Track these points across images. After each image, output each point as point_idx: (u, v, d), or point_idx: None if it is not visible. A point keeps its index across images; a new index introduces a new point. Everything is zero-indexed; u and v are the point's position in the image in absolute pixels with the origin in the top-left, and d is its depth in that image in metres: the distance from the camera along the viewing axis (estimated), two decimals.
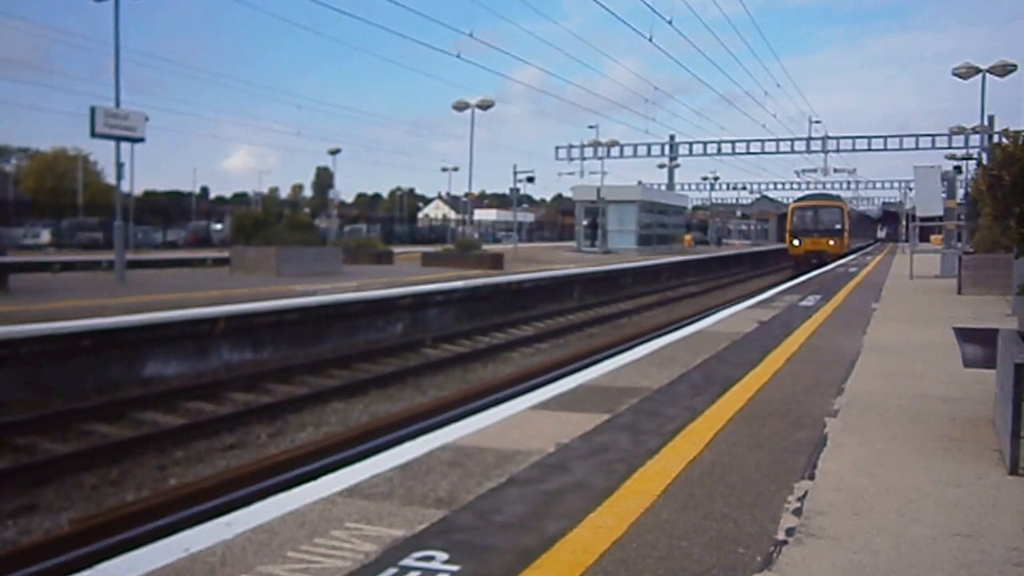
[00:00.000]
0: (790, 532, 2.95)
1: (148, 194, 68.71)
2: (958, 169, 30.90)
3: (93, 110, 15.65)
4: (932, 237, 35.89)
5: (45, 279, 17.27)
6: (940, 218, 19.66)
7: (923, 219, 19.77)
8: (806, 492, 3.40)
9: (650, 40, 21.89)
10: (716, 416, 4.78)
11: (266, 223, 21.79)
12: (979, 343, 4.81)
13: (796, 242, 35.95)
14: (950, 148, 40.12)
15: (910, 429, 4.52)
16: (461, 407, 8.83)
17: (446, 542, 2.85)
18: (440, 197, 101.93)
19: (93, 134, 15.77)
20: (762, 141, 45.16)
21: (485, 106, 31.84)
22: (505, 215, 75.92)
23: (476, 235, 44.55)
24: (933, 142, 41.72)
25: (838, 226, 35.45)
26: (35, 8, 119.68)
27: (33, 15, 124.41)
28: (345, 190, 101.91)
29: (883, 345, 7.81)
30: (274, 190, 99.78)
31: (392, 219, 70.73)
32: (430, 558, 2.70)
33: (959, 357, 4.82)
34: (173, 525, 4.81)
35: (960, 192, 22.39)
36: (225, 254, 23.16)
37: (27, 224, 38.53)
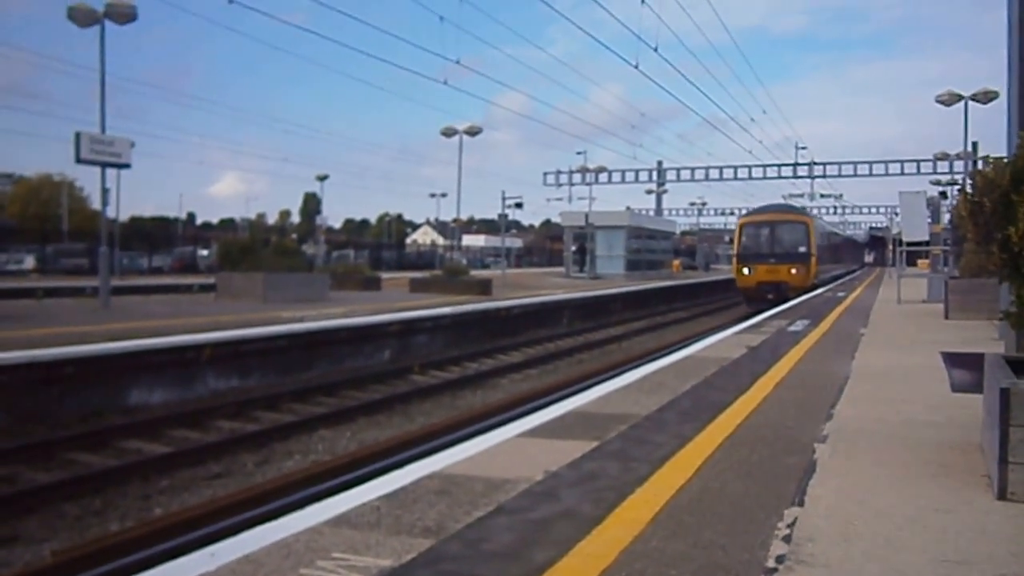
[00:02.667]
0: (780, 559, 2.94)
1: (134, 220, 68.50)
2: (943, 195, 31.29)
3: (78, 136, 15.61)
4: (919, 261, 35.03)
5: (28, 305, 17.11)
6: (926, 243, 19.88)
7: (910, 244, 19.98)
8: (796, 519, 3.39)
9: (636, 67, 22.14)
10: (705, 443, 4.77)
11: (253, 249, 21.75)
12: (967, 368, 4.84)
13: (746, 270, 26.66)
14: (935, 173, 40.63)
15: (899, 454, 4.52)
16: (449, 435, 8.78)
17: (434, 572, 2.82)
18: (428, 223, 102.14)
19: (78, 160, 15.72)
20: (749, 167, 45.67)
21: (473, 132, 32.04)
22: (493, 241, 76.09)
23: (464, 261, 44.58)
24: (918, 167, 42.28)
25: (802, 248, 26.51)
26: (20, 34, 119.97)
27: (18, 41, 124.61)
28: (333, 216, 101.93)
29: (872, 370, 7.84)
30: (261, 216, 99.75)
31: (380, 245, 70.71)
32: None
33: (947, 382, 4.84)
34: (157, 556, 4.74)
35: (945, 217, 22.67)
36: (211, 280, 23.05)
37: (11, 250, 38.23)
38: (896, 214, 36.43)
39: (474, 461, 4.40)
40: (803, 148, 50.95)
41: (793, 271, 26.18)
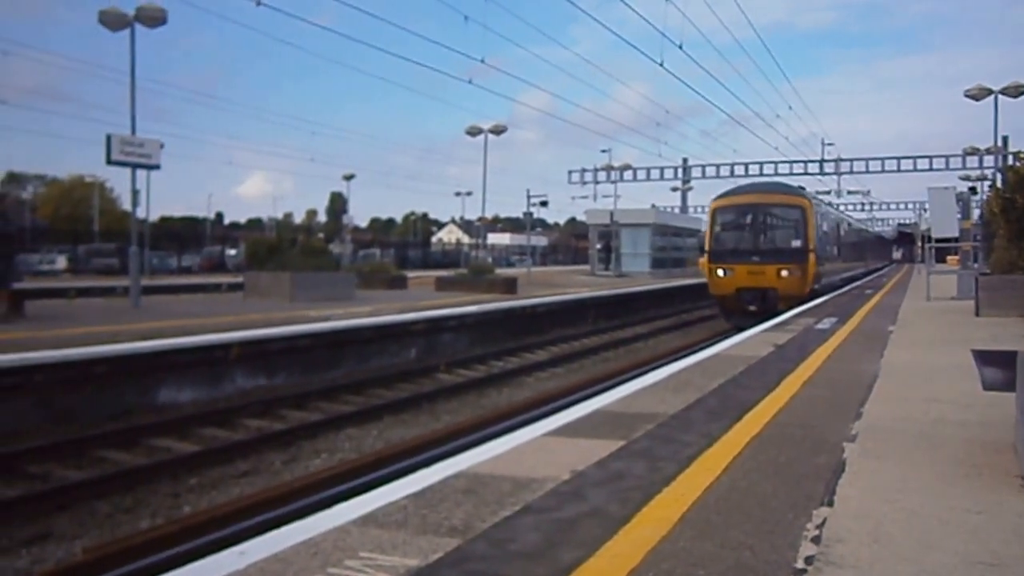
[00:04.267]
0: (809, 560, 2.90)
1: (163, 220, 69.52)
2: (973, 190, 30.67)
3: (109, 138, 15.86)
4: (948, 258, 34.29)
5: (61, 305, 17.41)
6: (956, 239, 19.55)
7: (939, 240, 19.65)
8: (825, 519, 3.35)
9: (661, 65, 21.95)
10: (733, 442, 4.73)
11: (280, 248, 21.94)
12: (998, 366, 4.74)
13: (720, 272, 19.60)
14: (964, 169, 39.85)
15: (930, 454, 4.45)
16: (475, 433, 8.80)
17: (461, 572, 2.82)
18: (454, 221, 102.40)
19: (109, 161, 15.97)
20: (775, 163, 45.04)
21: (498, 131, 32.03)
22: (519, 239, 76.11)
23: (490, 259, 44.66)
24: (947, 163, 41.45)
25: (797, 242, 19.35)
26: (53, 39, 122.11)
27: (51, 45, 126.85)
28: (359, 215, 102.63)
29: (901, 368, 7.72)
30: (288, 215, 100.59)
31: (406, 244, 71.04)
32: None
33: (978, 380, 4.74)
34: (187, 554, 4.80)
35: (975, 213, 22.28)
36: (239, 279, 23.30)
37: (43, 250, 38.95)
38: (925, 210, 35.43)
39: (500, 460, 4.40)
40: (830, 144, 50.18)
41: (784, 273, 18.52)
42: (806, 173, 44.51)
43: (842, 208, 46.04)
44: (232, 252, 46.61)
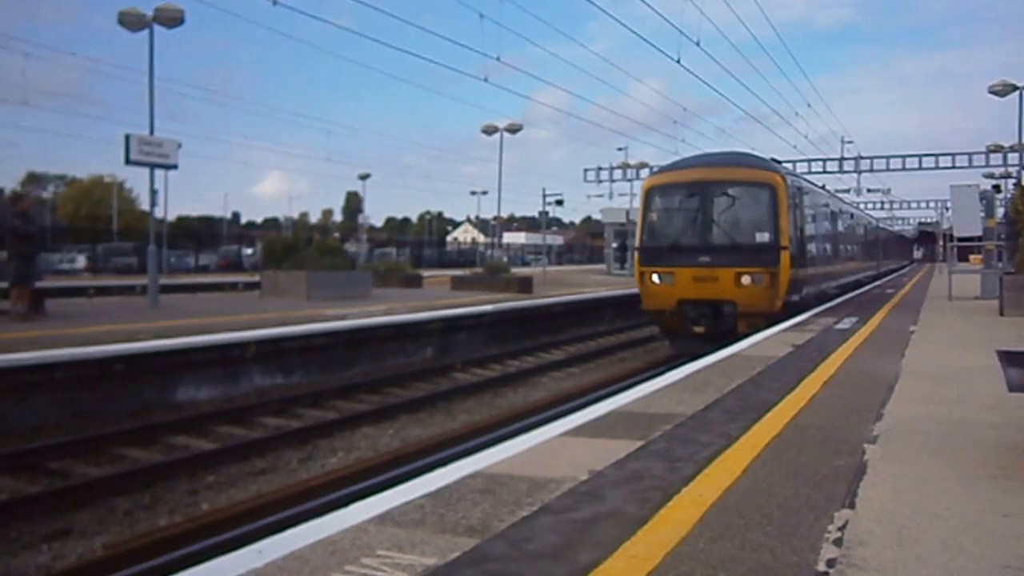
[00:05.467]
0: (831, 563, 2.86)
1: (181, 219, 70.05)
2: (997, 188, 30.19)
3: (128, 138, 15.98)
4: (971, 257, 33.84)
5: (81, 304, 17.58)
6: (979, 238, 19.29)
7: (961, 239, 19.40)
8: (846, 521, 3.31)
9: (678, 62, 21.81)
10: (752, 443, 4.68)
11: (296, 247, 22.04)
12: None
13: (655, 278, 14.27)
14: (987, 167, 39.12)
15: (953, 456, 4.39)
16: (492, 433, 8.79)
17: (479, 571, 2.80)
18: (469, 220, 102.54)
19: (128, 161, 16.09)
20: (794, 162, 44.56)
21: (514, 130, 32.00)
22: (534, 238, 76.07)
23: (505, 258, 44.65)
24: (970, 160, 40.71)
25: (764, 235, 13.70)
26: (72, 40, 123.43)
27: (70, 46, 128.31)
28: (374, 214, 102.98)
29: (923, 369, 7.63)
30: (304, 215, 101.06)
31: (421, 243, 71.22)
32: None
33: (1003, 381, 4.66)
34: (205, 551, 4.82)
35: (999, 211, 21.93)
36: (256, 278, 23.42)
37: (63, 249, 39.39)
38: (947, 209, 34.77)
39: (518, 460, 4.38)
40: (849, 142, 49.70)
41: (746, 280, 13.29)
42: (825, 171, 44.00)
43: (861, 206, 43.84)
44: (249, 251, 46.93)
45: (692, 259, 13.76)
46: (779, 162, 15.95)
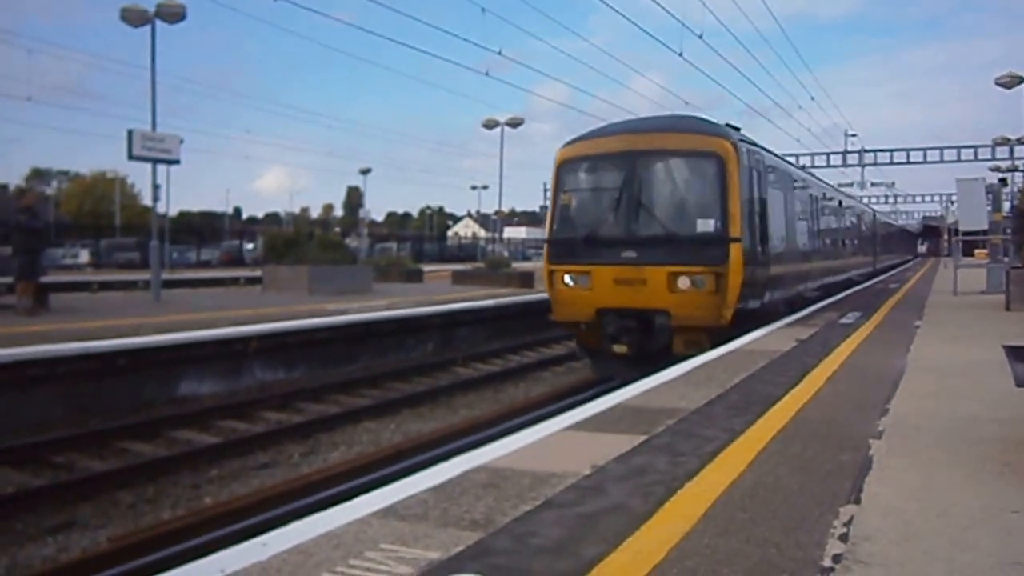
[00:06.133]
0: (837, 559, 2.85)
1: (183, 214, 70.06)
2: (1003, 181, 29.90)
3: (130, 133, 15.99)
4: (977, 251, 33.49)
5: (84, 298, 17.60)
6: (985, 232, 19.19)
7: (967, 233, 19.30)
8: (852, 517, 3.29)
9: (680, 55, 21.64)
10: (756, 437, 4.67)
11: (297, 242, 22.05)
12: None
13: (568, 279, 11.02)
14: (994, 160, 38.77)
15: (960, 452, 4.36)
16: (494, 427, 8.78)
17: (482, 565, 2.79)
18: (470, 215, 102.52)
19: (131, 156, 16.11)
20: (796, 155, 44.46)
21: (515, 124, 31.99)
22: (535, 233, 75.99)
23: (506, 253, 44.60)
24: (975, 153, 40.29)
25: (708, 222, 10.25)
26: (75, 36, 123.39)
27: (74, 43, 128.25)
28: (375, 209, 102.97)
29: (928, 364, 7.59)
30: (305, 210, 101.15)
31: (422, 238, 71.20)
32: None
33: (1010, 376, 4.64)
34: (210, 544, 4.82)
35: (1006, 205, 21.76)
36: (257, 273, 23.44)
37: (67, 245, 39.44)
38: (952, 202, 34.36)
39: (520, 454, 4.37)
40: (853, 135, 49.41)
41: (683, 283, 10.23)
42: (829, 165, 43.80)
43: (867, 201, 42.48)
44: (250, 246, 46.94)
45: (613, 255, 10.45)
46: (737, 129, 11.45)
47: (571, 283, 10.93)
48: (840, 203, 20.94)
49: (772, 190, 11.89)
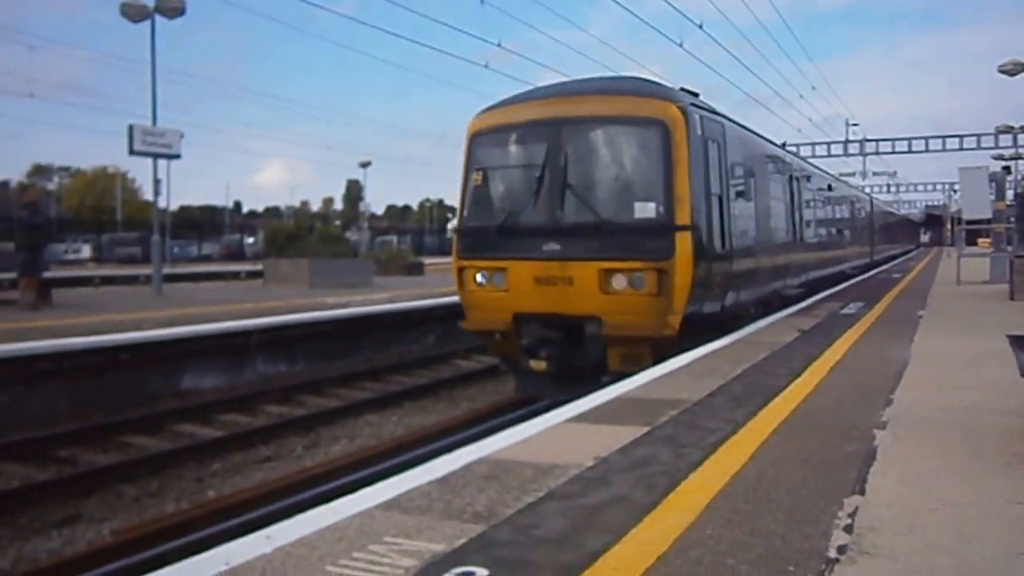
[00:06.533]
0: (842, 550, 2.84)
1: (183, 209, 70.01)
2: (1007, 169, 29.74)
3: (131, 128, 15.99)
4: (980, 240, 33.05)
5: (86, 293, 17.61)
6: (988, 221, 19.11)
7: (970, 222, 19.21)
8: (857, 508, 3.28)
9: (680, 46, 21.51)
10: (759, 428, 4.65)
11: (298, 236, 22.10)
12: None
13: (479, 277, 9.07)
14: (997, 148, 38.34)
15: (965, 443, 4.34)
16: (495, 419, 8.78)
17: (486, 557, 2.78)
18: None
19: (131, 152, 16.11)
20: (797, 145, 44.21)
21: None
22: None
23: None
24: (978, 142, 39.79)
25: (650, 207, 8.19)
26: (75, 32, 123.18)
27: (74, 39, 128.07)
28: (375, 202, 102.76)
29: (932, 354, 7.56)
30: (305, 203, 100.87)
31: (422, 230, 71.16)
32: (470, 574, 2.64)
33: (1014, 366, 4.62)
34: (213, 537, 4.82)
35: (1010, 193, 21.63)
36: (258, 267, 23.44)
37: (69, 240, 39.47)
38: (955, 191, 34.10)
39: (523, 446, 4.36)
40: (854, 125, 49.20)
41: (619, 282, 8.28)
42: (830, 155, 43.56)
43: (869, 191, 41.31)
44: (251, 240, 47.00)
45: (533, 248, 8.57)
46: (695, 95, 9.44)
47: (483, 282, 9.00)
48: (829, 187, 18.90)
49: (738, 168, 9.96)
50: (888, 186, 62.70)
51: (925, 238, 78.75)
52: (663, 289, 8.05)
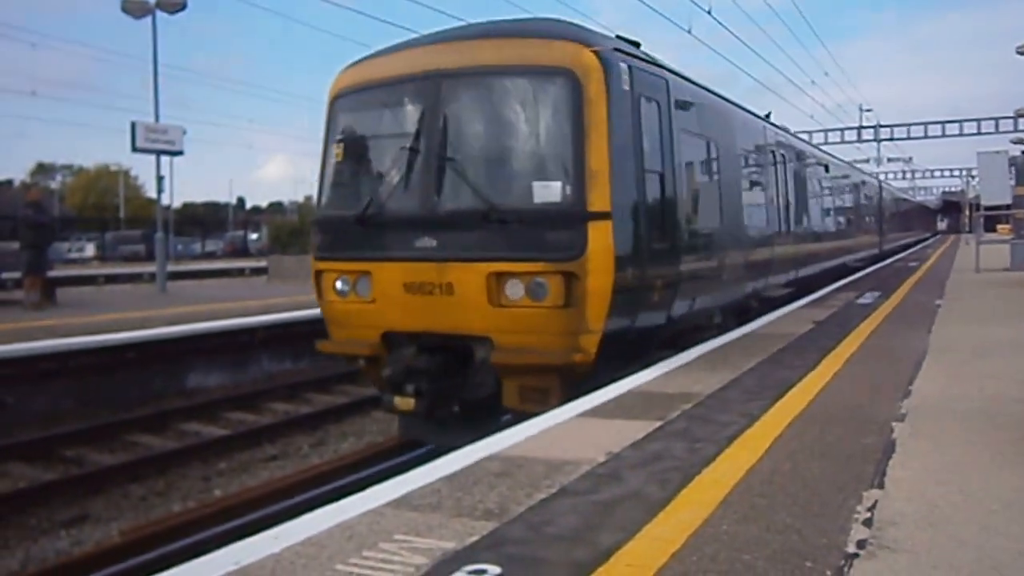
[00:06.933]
0: (861, 544, 2.78)
1: (186, 206, 70.06)
2: None
3: (134, 125, 15.97)
4: (999, 227, 32.48)
5: (91, 292, 17.61)
6: (1008, 206, 18.83)
7: (988, 208, 18.96)
8: (876, 502, 3.21)
9: (689, 32, 21.30)
10: (774, 422, 4.58)
11: (303, 232, 22.02)
12: None
13: (340, 285, 6.92)
14: (1016, 132, 37.44)
15: (986, 434, 4.27)
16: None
17: (498, 555, 2.73)
18: None
19: (134, 149, 16.10)
20: (810, 132, 43.66)
21: None
22: None
23: None
24: (996, 126, 38.75)
25: (554, 187, 6.10)
26: (77, 29, 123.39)
27: (76, 36, 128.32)
28: None
29: (951, 344, 7.44)
30: (309, 198, 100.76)
31: None
32: (482, 572, 2.60)
33: None
34: (222, 536, 4.78)
35: None
36: (263, 263, 23.42)
37: (72, 239, 39.52)
38: (973, 177, 33.60)
39: (534, 442, 4.30)
40: (868, 110, 48.56)
41: (513, 291, 6.14)
42: (843, 141, 42.90)
43: (884, 178, 40.05)
44: (254, 236, 46.98)
45: (403, 244, 6.53)
46: (636, 44, 7.29)
47: (344, 290, 6.93)
48: (827, 169, 16.67)
49: (693, 139, 7.97)
50: (903, 172, 62.14)
51: (942, 225, 77.87)
52: (572, 299, 5.96)
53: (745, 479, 3.54)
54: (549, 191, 6.11)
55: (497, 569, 2.61)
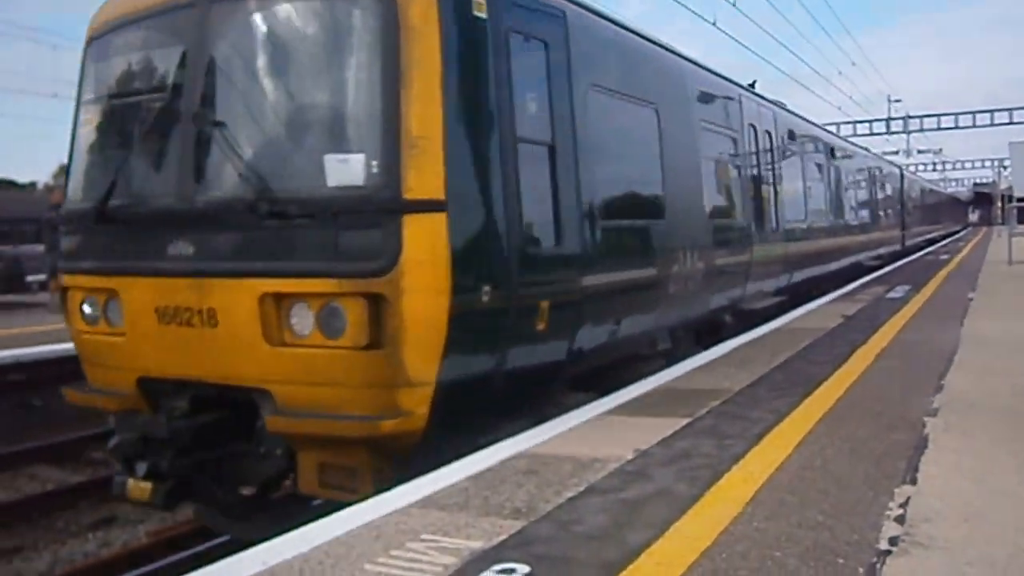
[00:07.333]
0: (894, 541, 2.74)
1: None
2: None
3: None
4: None
5: None
6: None
7: (1021, 199, 18.52)
8: (908, 498, 3.17)
9: (714, 24, 20.87)
10: (803, 418, 4.53)
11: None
12: None
13: (88, 308, 4.89)
14: None
15: (1021, 429, 4.18)
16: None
17: (526, 554, 2.74)
18: None
19: None
20: (837, 124, 42.87)
21: None
22: None
23: None
24: None
25: (359, 161, 4.08)
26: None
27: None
28: None
29: (984, 338, 7.31)
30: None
31: None
32: (511, 571, 2.61)
33: None
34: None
35: None
36: None
37: None
38: (1005, 167, 32.82)
39: (561, 440, 4.30)
40: (897, 101, 47.72)
41: (299, 322, 4.16)
42: (872, 133, 42.14)
43: (913, 169, 39.26)
44: None
45: (154, 251, 4.60)
46: None
47: (93, 315, 5.04)
48: (832, 151, 14.24)
49: (614, 101, 6.05)
50: (934, 164, 60.97)
51: (973, 217, 76.31)
52: (381, 334, 4.05)
53: (775, 476, 3.51)
54: (347, 169, 4.14)
55: (526, 568, 2.62)
